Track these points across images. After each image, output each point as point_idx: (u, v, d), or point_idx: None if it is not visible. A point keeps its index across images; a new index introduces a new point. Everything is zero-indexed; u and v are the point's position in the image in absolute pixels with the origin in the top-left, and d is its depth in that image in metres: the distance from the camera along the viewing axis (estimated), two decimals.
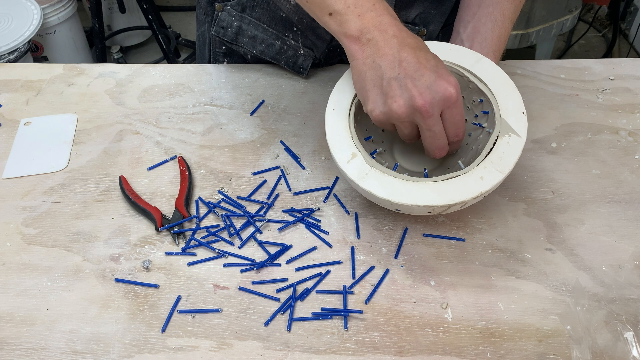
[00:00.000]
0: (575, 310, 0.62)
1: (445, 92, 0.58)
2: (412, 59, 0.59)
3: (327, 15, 0.64)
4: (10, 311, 0.65)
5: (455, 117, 0.61)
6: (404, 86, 0.59)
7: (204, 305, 0.64)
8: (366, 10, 0.62)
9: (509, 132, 0.63)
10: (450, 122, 0.61)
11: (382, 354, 0.60)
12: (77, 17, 2.04)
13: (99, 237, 0.71)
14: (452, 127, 0.62)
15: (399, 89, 0.59)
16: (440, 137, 0.62)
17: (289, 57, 0.88)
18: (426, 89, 0.58)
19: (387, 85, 0.60)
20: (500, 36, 0.73)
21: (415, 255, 0.68)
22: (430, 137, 0.62)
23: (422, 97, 0.58)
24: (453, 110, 0.60)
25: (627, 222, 0.70)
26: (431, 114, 0.59)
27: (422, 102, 0.58)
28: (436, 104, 0.59)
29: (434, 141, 0.62)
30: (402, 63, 0.59)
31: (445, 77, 0.59)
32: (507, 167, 0.61)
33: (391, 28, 0.61)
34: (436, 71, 0.59)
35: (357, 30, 0.62)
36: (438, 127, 0.61)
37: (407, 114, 0.60)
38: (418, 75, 0.58)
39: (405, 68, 0.59)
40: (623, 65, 0.90)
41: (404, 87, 0.59)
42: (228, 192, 0.75)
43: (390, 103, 0.60)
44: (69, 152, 0.81)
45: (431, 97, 0.58)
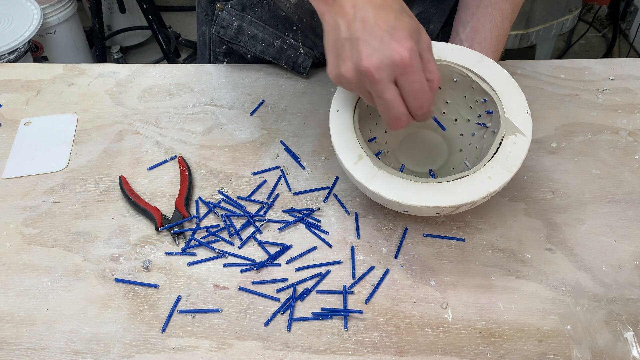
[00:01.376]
0: (575, 310, 0.62)
1: (395, 56, 0.53)
2: (371, 18, 0.54)
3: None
4: (10, 311, 0.65)
5: (412, 85, 0.54)
6: (354, 47, 0.54)
7: (204, 305, 0.64)
8: None
9: (514, 131, 0.63)
10: (408, 90, 0.55)
11: (382, 354, 0.60)
12: (77, 17, 2.04)
13: (99, 237, 0.71)
14: (411, 97, 0.55)
15: (349, 51, 0.54)
16: (393, 107, 0.56)
17: (289, 56, 0.88)
18: (374, 51, 0.53)
19: (341, 46, 0.55)
20: (499, 36, 0.73)
21: (415, 255, 0.68)
22: (381, 106, 0.56)
23: (369, 59, 0.53)
24: (409, 77, 0.54)
25: (627, 222, 0.70)
26: (379, 79, 0.54)
27: (368, 64, 0.53)
28: (384, 68, 0.53)
29: (385, 110, 0.56)
30: (358, 23, 0.54)
31: (400, 39, 0.53)
32: (514, 167, 0.61)
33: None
34: (392, 33, 0.53)
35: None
36: (389, 95, 0.55)
37: (356, 77, 0.55)
38: (370, 37, 0.53)
39: (358, 28, 0.54)
40: (623, 65, 0.90)
41: (354, 49, 0.54)
42: (228, 192, 0.75)
43: (340, 65, 0.55)
44: (69, 152, 0.81)
45: (379, 60, 0.53)
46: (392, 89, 0.55)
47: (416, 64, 0.54)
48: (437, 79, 0.58)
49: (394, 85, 0.55)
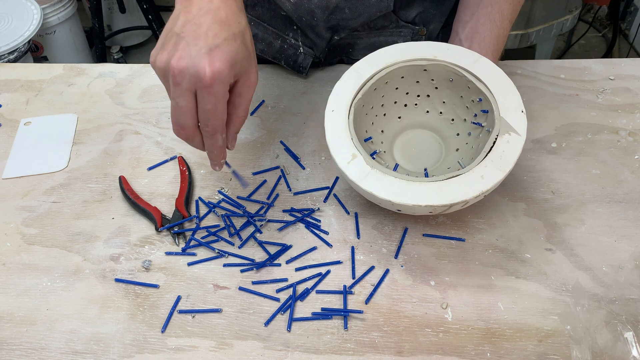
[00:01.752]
0: (575, 310, 0.62)
1: (200, 70, 0.54)
2: (204, 27, 0.55)
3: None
4: (10, 311, 0.65)
5: (205, 104, 0.56)
6: (176, 44, 0.55)
7: (204, 305, 0.64)
8: None
9: (508, 130, 0.63)
10: (201, 107, 0.56)
11: (382, 354, 0.60)
12: (77, 17, 2.04)
13: (99, 237, 0.71)
14: (201, 114, 0.57)
15: (171, 45, 0.56)
16: (182, 114, 0.57)
17: (289, 56, 0.88)
18: (187, 56, 0.54)
19: (169, 37, 0.56)
20: (499, 36, 0.73)
21: (415, 255, 0.68)
22: (172, 108, 0.57)
23: (178, 61, 0.54)
24: (205, 94, 0.55)
25: (627, 222, 0.70)
26: (178, 82, 0.55)
27: (175, 65, 0.54)
28: (187, 75, 0.54)
29: (174, 114, 0.57)
30: (193, 26, 0.55)
31: (215, 59, 0.54)
32: (507, 166, 0.61)
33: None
34: (212, 49, 0.54)
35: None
36: (182, 102, 0.56)
37: (163, 70, 0.56)
38: (192, 42, 0.54)
39: (190, 30, 0.55)
40: (623, 65, 0.90)
41: (175, 45, 0.55)
42: (228, 192, 0.75)
43: (159, 54, 0.56)
44: (69, 152, 0.81)
45: (185, 66, 0.54)
46: (188, 97, 0.56)
47: (217, 88, 0.55)
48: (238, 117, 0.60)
49: (192, 95, 0.56)
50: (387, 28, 0.87)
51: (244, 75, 0.60)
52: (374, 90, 0.71)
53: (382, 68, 0.70)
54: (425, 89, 0.74)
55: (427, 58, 0.69)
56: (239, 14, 0.59)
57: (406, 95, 0.74)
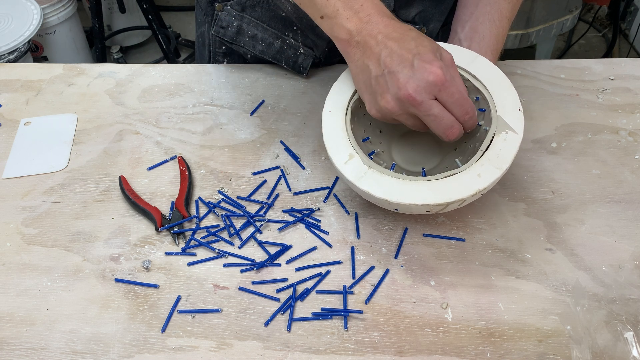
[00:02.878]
0: (575, 310, 0.62)
1: (429, 76, 0.57)
2: (395, 51, 0.58)
3: (319, 18, 0.64)
4: (10, 311, 0.65)
5: (453, 96, 0.59)
6: (389, 81, 0.58)
7: (204, 305, 0.64)
8: (354, 13, 0.61)
9: (505, 129, 0.63)
10: (450, 102, 0.59)
11: (382, 354, 0.60)
12: (77, 17, 2.04)
13: (99, 237, 0.71)
14: (455, 107, 0.60)
15: (385, 85, 0.59)
16: (443, 119, 0.60)
17: (289, 56, 0.88)
18: (409, 79, 0.57)
19: (375, 84, 0.60)
20: (498, 35, 0.73)
21: (415, 255, 0.68)
22: (432, 122, 0.60)
23: (406, 87, 0.57)
24: (447, 90, 0.58)
25: (627, 222, 0.70)
26: (420, 101, 0.58)
27: (407, 92, 0.57)
28: (423, 90, 0.58)
29: (438, 124, 0.60)
30: (386, 59, 0.59)
31: (428, 60, 0.58)
32: (504, 164, 0.61)
33: (377, 26, 0.60)
34: (419, 57, 0.58)
35: (346, 34, 0.62)
36: (436, 110, 0.59)
37: (399, 107, 0.59)
38: (400, 67, 0.58)
39: (388, 63, 0.58)
40: (623, 65, 0.90)
41: (389, 82, 0.58)
42: (228, 192, 0.75)
43: (380, 100, 0.60)
44: (69, 152, 0.81)
45: (416, 85, 0.57)
46: (436, 104, 0.59)
47: (449, 77, 0.59)
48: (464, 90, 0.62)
49: (436, 101, 0.59)
50: None
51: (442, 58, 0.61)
52: None
53: None
54: None
55: None
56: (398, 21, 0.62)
57: None
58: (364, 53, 0.61)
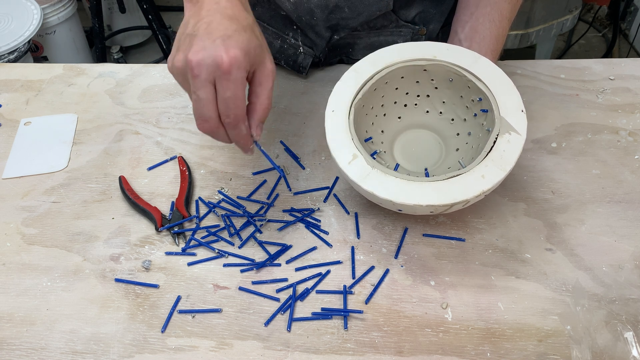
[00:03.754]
0: (575, 310, 0.62)
1: (217, 58, 0.55)
2: (215, 23, 0.57)
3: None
4: (10, 311, 0.65)
5: (225, 92, 0.57)
6: (190, 42, 0.57)
7: (204, 305, 0.64)
8: None
9: (508, 130, 0.63)
10: (220, 96, 0.57)
11: (382, 354, 0.60)
12: (77, 17, 2.04)
13: (99, 237, 0.71)
14: (221, 103, 0.58)
15: (186, 45, 0.57)
16: (204, 106, 0.58)
17: (289, 55, 0.88)
18: (203, 49, 0.56)
19: (183, 40, 0.58)
20: (498, 36, 0.74)
21: (415, 255, 0.68)
22: (194, 102, 0.58)
23: (196, 54, 0.56)
24: (224, 82, 0.56)
25: (627, 222, 0.70)
26: (197, 75, 0.56)
27: (192, 58, 0.56)
28: (205, 66, 0.55)
29: (196, 107, 0.58)
30: (203, 24, 0.57)
31: (230, 47, 0.56)
32: (508, 165, 0.61)
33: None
34: (225, 39, 0.56)
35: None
36: (203, 94, 0.57)
37: (182, 69, 0.58)
38: (206, 36, 0.56)
39: (200, 28, 0.57)
40: (623, 65, 0.90)
41: (190, 43, 0.57)
42: (228, 192, 0.75)
43: (175, 54, 0.58)
44: (69, 152, 0.81)
45: (202, 57, 0.55)
46: (208, 89, 0.57)
47: (235, 74, 0.56)
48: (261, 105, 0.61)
49: (212, 87, 0.57)
50: (387, 27, 0.87)
51: (260, 65, 0.60)
52: (374, 91, 0.71)
53: (381, 68, 0.70)
54: (425, 89, 0.74)
55: (426, 58, 0.69)
56: (244, 11, 0.61)
57: (406, 95, 0.74)
58: (196, 13, 0.59)
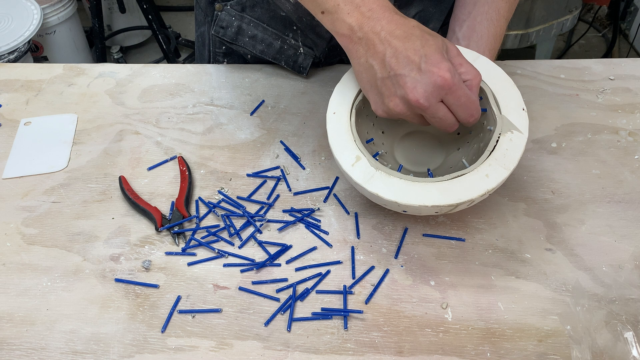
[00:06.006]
0: (575, 310, 0.62)
1: (437, 81, 0.57)
2: (401, 52, 0.58)
3: (320, 13, 0.63)
4: (10, 311, 0.65)
5: (459, 100, 0.59)
6: (396, 84, 0.58)
7: (204, 305, 0.64)
8: (355, 7, 0.60)
9: (510, 129, 0.63)
10: (456, 106, 0.59)
11: (382, 354, 0.60)
12: (77, 17, 2.04)
13: (99, 237, 0.71)
14: (460, 110, 0.60)
15: (392, 87, 0.59)
16: (446, 119, 0.60)
17: (289, 56, 0.88)
18: (417, 83, 0.57)
19: (382, 85, 0.60)
20: (496, 35, 0.73)
21: (415, 255, 0.68)
22: (437, 123, 0.61)
23: (414, 92, 0.57)
24: (454, 94, 0.58)
25: (627, 222, 0.70)
26: (428, 106, 0.58)
27: (415, 97, 0.57)
28: (430, 95, 0.57)
29: (442, 125, 0.61)
30: (392, 59, 0.58)
31: (436, 63, 0.57)
32: (511, 164, 0.61)
33: (380, 22, 0.59)
34: (426, 60, 0.57)
35: (348, 29, 0.61)
36: (441, 113, 0.59)
37: (407, 109, 0.59)
38: (407, 70, 0.57)
39: (394, 65, 0.58)
40: (623, 65, 0.90)
41: (396, 85, 0.58)
42: (228, 192, 0.75)
43: (387, 102, 0.60)
44: (69, 152, 0.81)
45: (423, 90, 0.57)
46: (442, 107, 0.59)
47: (457, 81, 0.58)
48: (474, 76, 0.61)
49: (442, 103, 0.59)
50: None
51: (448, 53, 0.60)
52: None
53: None
54: None
55: None
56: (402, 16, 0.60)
57: None
58: (368, 51, 0.60)
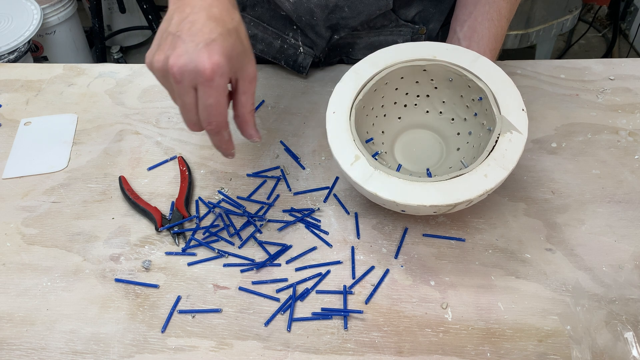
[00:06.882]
0: (575, 310, 0.62)
1: (199, 64, 0.53)
2: (199, 24, 0.55)
3: None
4: (10, 311, 0.65)
5: (206, 99, 0.56)
6: (173, 43, 0.55)
7: (204, 305, 0.64)
8: None
9: (510, 129, 0.63)
10: (201, 102, 0.56)
11: (382, 354, 0.60)
12: (77, 17, 2.04)
13: (99, 237, 0.71)
14: (203, 110, 0.57)
15: (168, 44, 0.56)
16: (189, 111, 0.58)
17: (289, 55, 0.88)
18: (185, 53, 0.54)
19: (164, 38, 0.57)
20: (497, 35, 0.73)
21: (415, 255, 0.68)
22: (180, 107, 0.58)
23: (177, 58, 0.54)
24: (205, 89, 0.55)
25: (627, 222, 0.70)
26: (179, 81, 0.55)
27: (174, 62, 0.54)
28: (187, 72, 0.54)
29: (183, 112, 0.58)
30: (187, 24, 0.55)
31: (213, 52, 0.54)
32: (510, 164, 0.61)
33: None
34: (209, 44, 0.54)
35: None
36: (187, 99, 0.56)
37: (162, 70, 0.56)
38: (189, 39, 0.54)
39: (185, 28, 0.55)
40: (623, 65, 0.90)
41: (172, 44, 0.55)
42: (228, 192, 0.75)
43: (156, 54, 0.57)
44: (69, 152, 0.81)
45: (184, 63, 0.54)
46: (191, 94, 0.56)
47: (218, 81, 0.55)
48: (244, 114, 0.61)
49: (194, 92, 0.56)
50: (387, 27, 0.87)
51: (242, 72, 0.60)
52: (374, 92, 0.71)
53: (381, 69, 0.69)
54: (424, 89, 0.74)
55: (426, 58, 0.69)
56: (232, 10, 0.59)
57: (406, 95, 0.74)
58: (179, 7, 0.57)
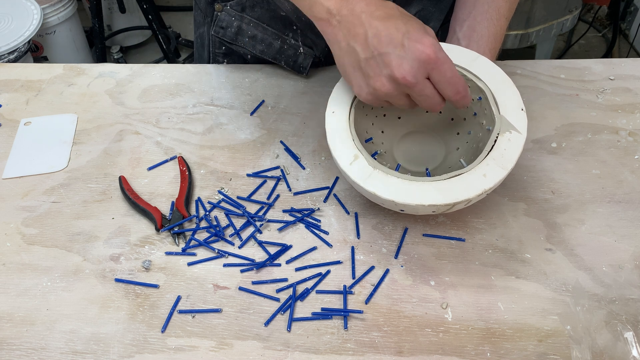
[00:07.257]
0: (575, 310, 0.62)
1: (422, 56, 0.56)
2: (383, 31, 0.57)
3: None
4: (10, 311, 0.65)
5: (445, 75, 0.58)
6: (381, 63, 0.57)
7: (204, 305, 0.64)
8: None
9: (509, 129, 0.63)
10: (442, 82, 0.58)
11: (382, 354, 0.60)
12: (77, 17, 2.04)
13: (99, 237, 0.71)
14: (446, 86, 0.59)
15: (377, 67, 0.58)
16: (433, 98, 0.60)
17: (289, 56, 0.88)
18: (402, 60, 0.56)
19: (366, 66, 0.59)
20: (496, 34, 0.73)
21: (415, 255, 0.68)
22: (424, 101, 0.60)
23: (400, 69, 0.57)
24: (439, 69, 0.57)
25: (627, 222, 0.70)
26: (415, 83, 0.57)
27: (402, 73, 0.57)
28: (417, 71, 0.57)
29: (428, 103, 0.60)
30: (374, 40, 0.57)
31: (419, 39, 0.56)
32: (509, 164, 0.61)
33: (358, 4, 0.59)
34: (409, 37, 0.57)
35: (326, 13, 0.60)
36: (428, 90, 0.59)
37: (393, 88, 0.59)
38: (391, 48, 0.56)
39: (377, 44, 0.57)
40: (623, 65, 0.90)
41: (381, 64, 0.57)
42: (228, 192, 0.75)
43: (373, 83, 0.59)
44: (69, 152, 0.81)
45: (409, 66, 0.56)
46: (428, 84, 0.59)
47: (442, 56, 0.57)
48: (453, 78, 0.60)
49: (428, 81, 0.59)
50: None
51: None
52: None
53: None
54: None
55: None
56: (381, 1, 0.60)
57: None
58: (348, 34, 0.59)
